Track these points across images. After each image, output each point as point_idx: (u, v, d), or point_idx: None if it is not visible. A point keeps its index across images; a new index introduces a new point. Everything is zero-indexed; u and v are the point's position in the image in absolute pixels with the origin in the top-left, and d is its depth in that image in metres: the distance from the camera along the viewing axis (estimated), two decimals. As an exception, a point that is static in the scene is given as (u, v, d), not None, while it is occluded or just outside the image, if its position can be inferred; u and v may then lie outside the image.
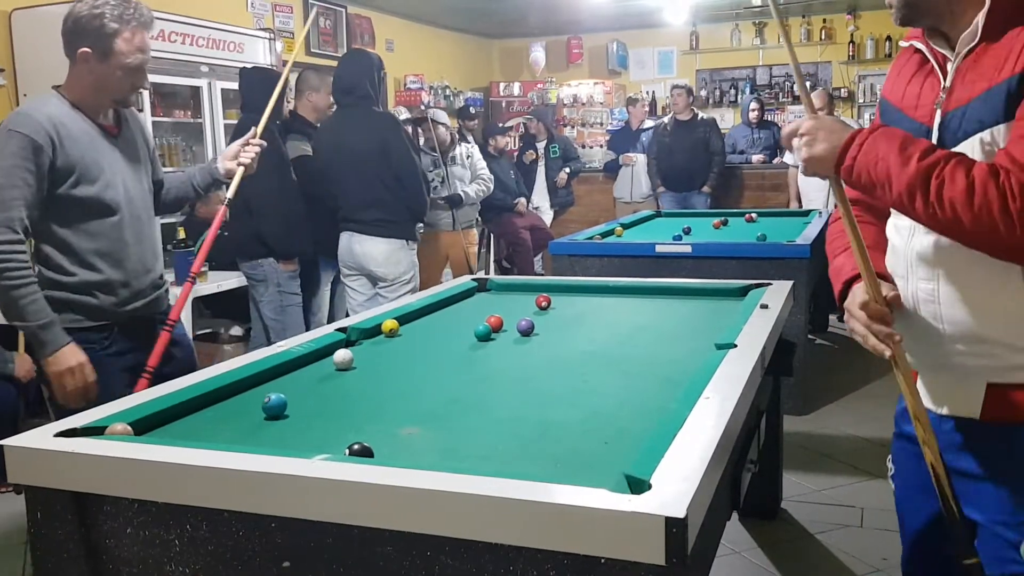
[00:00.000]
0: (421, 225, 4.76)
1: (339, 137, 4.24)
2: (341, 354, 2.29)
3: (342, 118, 4.31)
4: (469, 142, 6.59)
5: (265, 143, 2.94)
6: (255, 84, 4.39)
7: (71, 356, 2.33)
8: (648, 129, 8.37)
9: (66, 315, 2.39)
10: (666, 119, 8.07)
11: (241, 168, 2.86)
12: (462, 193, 6.10)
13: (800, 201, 7.38)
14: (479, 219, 7.52)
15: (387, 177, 4.19)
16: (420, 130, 6.22)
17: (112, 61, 2.44)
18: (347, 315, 4.39)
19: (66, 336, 2.33)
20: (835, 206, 1.59)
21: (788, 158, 7.25)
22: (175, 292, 4.37)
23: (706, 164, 7.73)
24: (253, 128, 2.96)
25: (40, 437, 1.63)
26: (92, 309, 2.42)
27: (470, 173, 6.27)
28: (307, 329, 4.28)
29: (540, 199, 8.26)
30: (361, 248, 4.26)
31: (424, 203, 4.42)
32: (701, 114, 8.13)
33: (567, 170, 8.33)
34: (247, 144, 2.85)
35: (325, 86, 4.58)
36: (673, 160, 7.73)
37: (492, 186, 6.43)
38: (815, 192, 6.77)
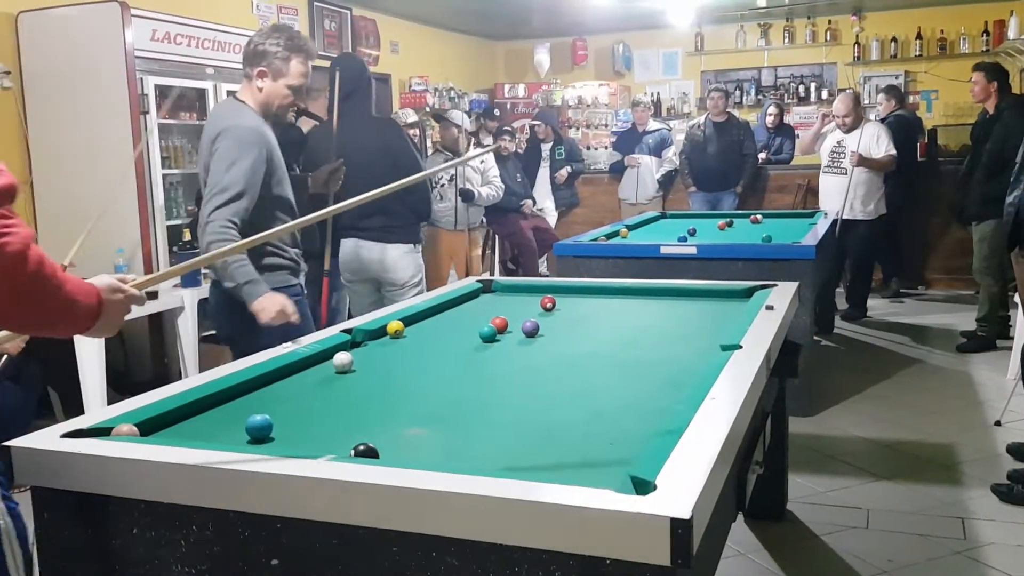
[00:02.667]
0: (425, 224, 4.75)
1: (342, 143, 4.09)
2: (340, 357, 2.29)
3: (343, 124, 4.17)
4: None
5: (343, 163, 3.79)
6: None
7: (275, 301, 2.84)
8: (654, 131, 8.37)
9: (280, 275, 3.04)
10: (700, 120, 8.05)
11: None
12: (475, 191, 6.12)
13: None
14: (483, 221, 7.53)
15: (394, 182, 4.11)
16: (436, 127, 6.28)
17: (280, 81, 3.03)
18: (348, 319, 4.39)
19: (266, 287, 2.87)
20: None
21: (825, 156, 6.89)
22: (180, 293, 4.41)
23: (738, 165, 7.70)
24: (340, 160, 3.78)
25: (47, 438, 1.64)
26: (295, 271, 3.15)
27: (480, 177, 6.28)
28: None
29: (544, 200, 8.27)
30: (369, 255, 4.22)
31: (429, 206, 4.41)
32: (736, 115, 8.12)
33: (568, 168, 8.36)
34: (335, 172, 3.75)
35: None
36: (706, 161, 7.70)
37: (502, 194, 6.46)
38: (835, 194, 6.57)
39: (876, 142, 6.42)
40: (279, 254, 3.09)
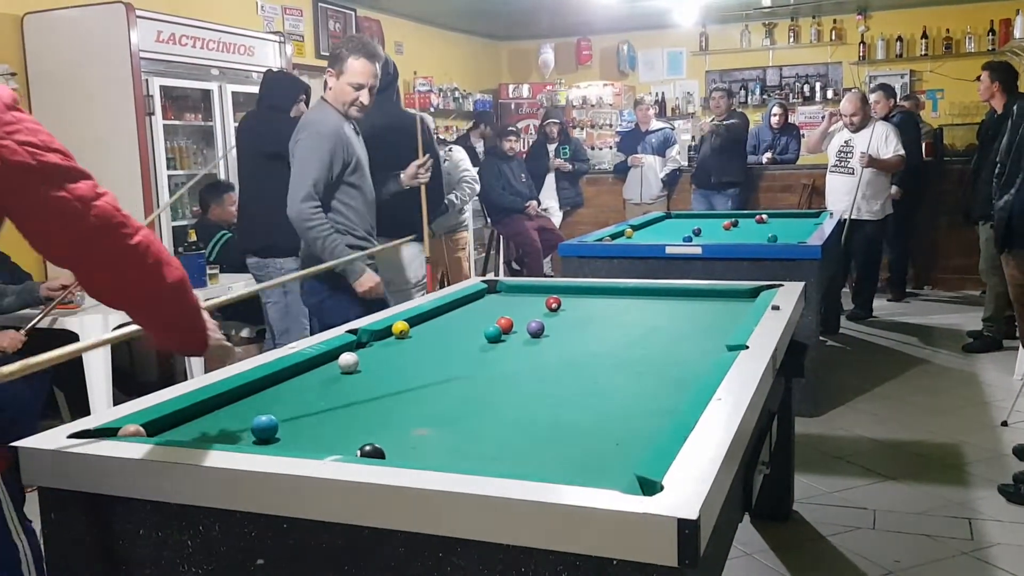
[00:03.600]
0: None
1: (368, 136, 3.92)
2: (346, 357, 2.29)
3: (370, 114, 4.13)
4: (450, 148, 6.48)
5: (431, 157, 3.95)
6: (276, 85, 4.38)
7: (372, 276, 3.44)
8: (657, 131, 8.36)
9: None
10: (705, 120, 8.08)
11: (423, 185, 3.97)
12: (446, 201, 6.04)
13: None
14: (488, 221, 7.52)
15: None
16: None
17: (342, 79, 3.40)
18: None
19: (364, 266, 3.42)
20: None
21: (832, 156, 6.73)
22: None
23: (738, 165, 7.72)
24: (428, 155, 3.87)
25: (54, 438, 1.64)
26: (364, 247, 3.46)
27: (449, 180, 6.16)
28: (311, 332, 4.28)
29: (549, 200, 8.26)
30: (388, 253, 4.13)
31: (440, 205, 4.44)
32: (737, 112, 8.13)
33: (572, 166, 8.36)
34: (422, 166, 3.83)
35: None
36: (706, 160, 7.76)
37: (477, 188, 6.31)
38: (842, 194, 6.56)
39: (885, 142, 6.39)
40: (363, 245, 3.49)
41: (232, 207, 5.14)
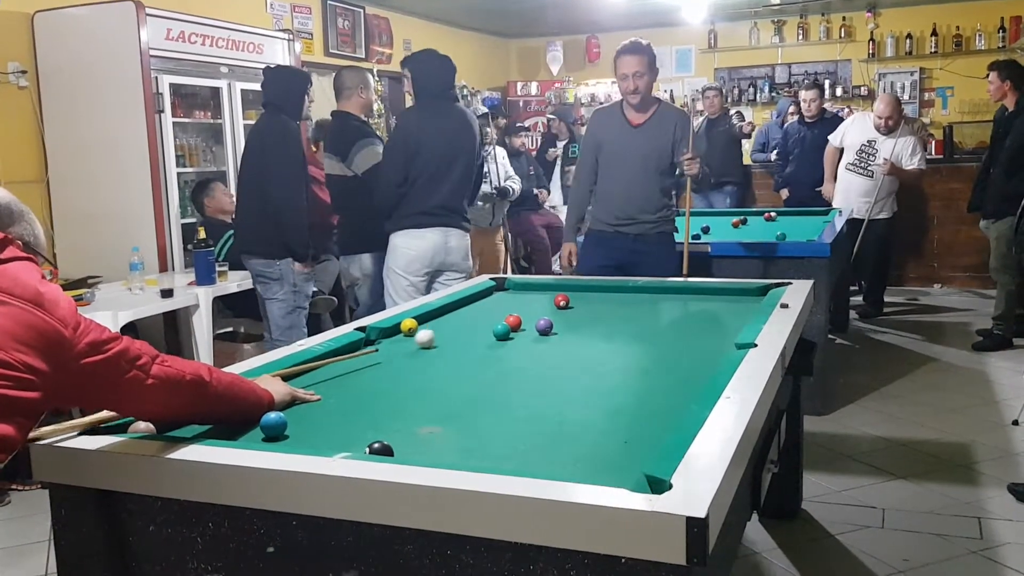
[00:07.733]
0: None
1: (445, 133, 4.22)
2: (423, 334, 2.50)
3: (444, 113, 4.26)
4: (493, 142, 6.57)
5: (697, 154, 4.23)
6: (276, 81, 4.41)
7: (568, 248, 4.25)
8: None
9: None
10: (697, 121, 8.07)
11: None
12: (508, 187, 6.14)
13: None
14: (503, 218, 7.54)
15: (472, 172, 4.39)
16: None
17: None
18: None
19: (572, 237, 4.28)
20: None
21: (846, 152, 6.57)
22: (196, 291, 4.43)
23: (732, 161, 7.70)
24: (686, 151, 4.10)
25: (65, 435, 1.65)
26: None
27: (503, 172, 6.29)
28: (308, 332, 4.28)
29: (558, 197, 8.26)
30: (456, 243, 4.26)
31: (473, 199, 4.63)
32: (732, 111, 8.10)
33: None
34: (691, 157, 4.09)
35: (371, 83, 4.72)
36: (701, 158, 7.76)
37: (520, 187, 6.48)
38: (855, 194, 6.44)
39: (910, 153, 6.32)
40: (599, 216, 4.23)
41: (226, 196, 5.17)
